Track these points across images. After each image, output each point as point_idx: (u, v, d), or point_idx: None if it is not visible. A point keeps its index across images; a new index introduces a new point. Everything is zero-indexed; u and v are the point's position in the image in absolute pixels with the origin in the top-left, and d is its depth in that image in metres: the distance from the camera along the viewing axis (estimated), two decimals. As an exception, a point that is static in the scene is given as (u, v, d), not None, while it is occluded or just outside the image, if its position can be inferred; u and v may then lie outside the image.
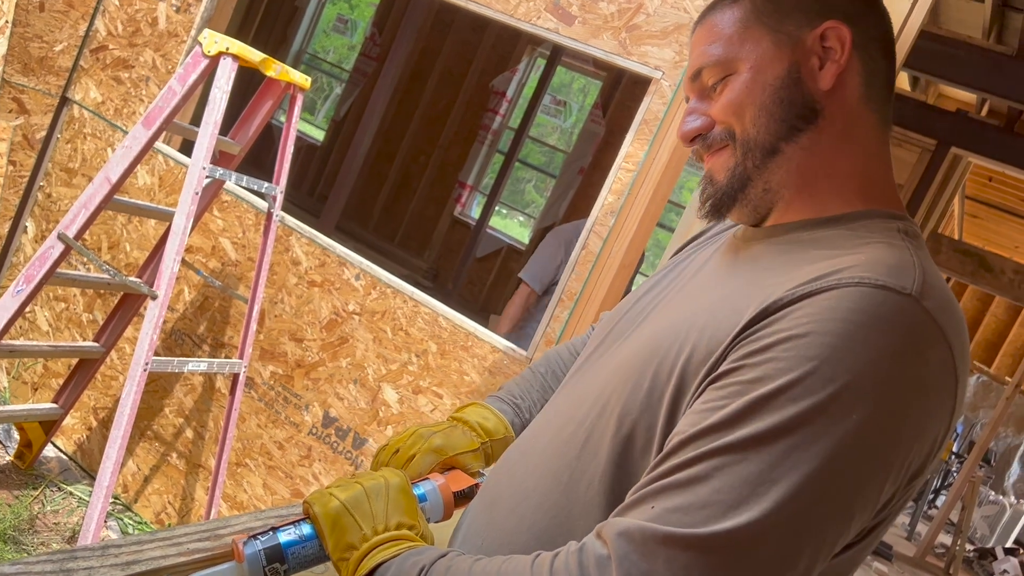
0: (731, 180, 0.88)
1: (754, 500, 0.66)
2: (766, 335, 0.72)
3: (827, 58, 0.86)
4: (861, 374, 0.68)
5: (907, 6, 1.87)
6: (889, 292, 0.71)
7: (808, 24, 0.86)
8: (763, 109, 0.86)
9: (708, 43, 0.89)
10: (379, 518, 0.84)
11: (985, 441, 6.02)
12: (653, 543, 0.67)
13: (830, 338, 0.69)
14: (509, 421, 1.14)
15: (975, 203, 7.95)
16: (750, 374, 0.71)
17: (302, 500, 2.70)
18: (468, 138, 7.69)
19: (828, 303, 0.71)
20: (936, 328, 0.71)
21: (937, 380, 0.72)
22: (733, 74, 0.87)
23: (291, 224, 2.68)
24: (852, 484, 0.68)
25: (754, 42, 0.87)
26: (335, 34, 13.76)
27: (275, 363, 2.67)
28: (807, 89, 0.86)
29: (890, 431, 0.69)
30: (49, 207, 3.15)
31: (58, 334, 3.06)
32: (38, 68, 3.17)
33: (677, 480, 0.69)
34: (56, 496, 2.75)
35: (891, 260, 0.75)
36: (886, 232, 0.82)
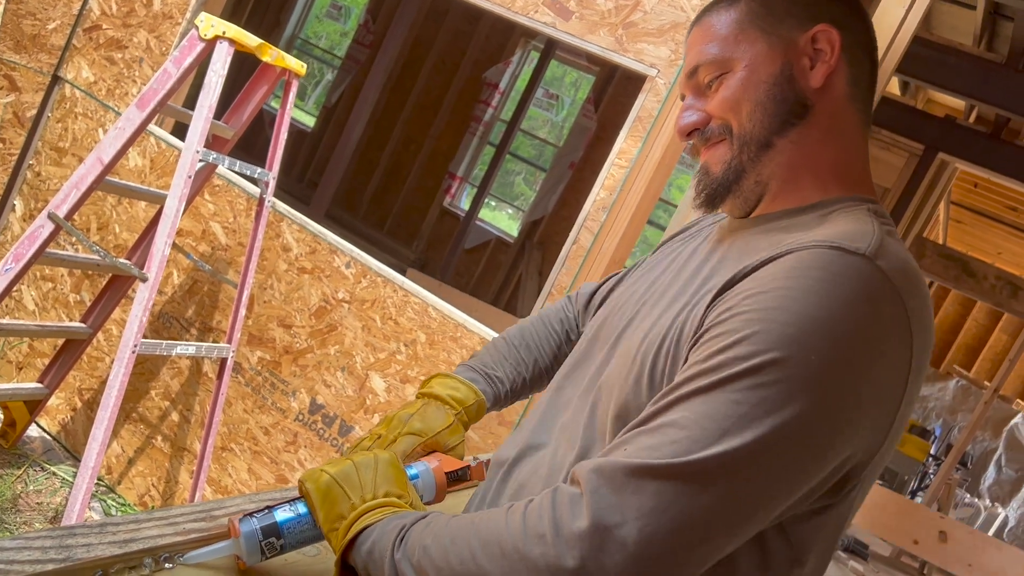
0: (726, 172, 0.93)
1: (722, 435, 0.70)
2: (732, 296, 0.79)
3: (818, 59, 0.92)
4: (817, 320, 0.72)
5: (901, 12, 1.89)
6: (843, 252, 0.76)
7: (800, 27, 0.92)
8: (758, 105, 0.91)
9: (705, 43, 0.94)
10: (367, 488, 0.86)
11: (962, 444, 6.09)
12: (623, 475, 0.70)
13: (787, 291, 0.74)
14: (481, 389, 1.17)
15: (960, 208, 8.02)
16: (718, 330, 0.76)
17: (289, 484, 2.69)
18: (459, 129, 7.68)
19: (787, 263, 0.77)
20: (889, 284, 0.75)
21: (890, 331, 0.75)
22: (729, 72, 0.92)
23: (282, 210, 2.68)
24: (813, 421, 0.71)
25: (749, 43, 0.92)
26: (328, 20, 13.69)
27: (263, 349, 2.68)
28: (799, 87, 0.91)
29: (847, 371, 0.73)
30: (38, 186, 3.13)
31: (44, 314, 3.05)
32: (30, 46, 3.15)
33: (650, 426, 0.74)
34: (39, 476, 2.75)
35: (850, 228, 0.81)
36: (854, 211, 0.87)
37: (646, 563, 0.67)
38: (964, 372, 10.42)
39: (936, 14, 4.48)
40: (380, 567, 0.79)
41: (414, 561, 0.76)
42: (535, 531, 0.71)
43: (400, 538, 0.79)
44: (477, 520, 0.77)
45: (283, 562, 0.89)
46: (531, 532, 0.71)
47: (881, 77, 2.07)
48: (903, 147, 5.78)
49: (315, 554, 0.93)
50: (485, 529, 0.75)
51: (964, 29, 4.56)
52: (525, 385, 1.25)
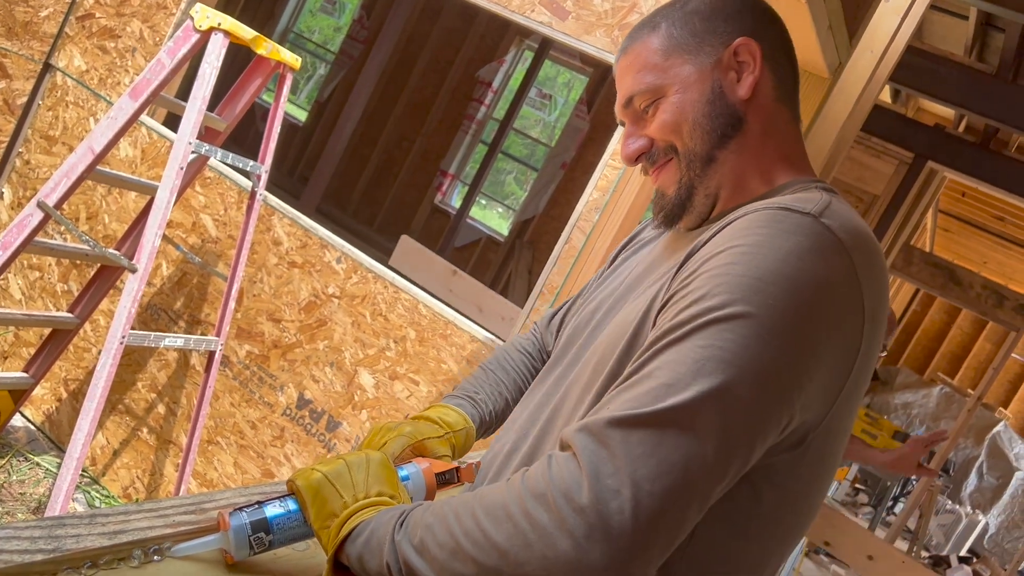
0: (679, 191, 0.99)
1: (694, 377, 0.74)
2: (692, 263, 0.84)
3: (742, 70, 0.98)
4: (770, 269, 0.77)
5: (896, 22, 1.90)
6: (790, 211, 0.81)
7: (721, 44, 0.98)
8: (696, 124, 0.97)
9: (635, 71, 1.00)
10: (359, 487, 0.87)
11: (945, 451, 6.13)
12: (608, 428, 0.74)
13: (741, 247, 0.79)
14: (468, 413, 1.20)
15: (947, 217, 8.08)
16: (682, 292, 0.82)
17: (275, 479, 2.68)
18: (452, 127, 7.68)
19: (738, 225, 0.83)
20: (836, 239, 0.80)
21: (840, 280, 0.80)
22: (663, 98, 0.98)
23: (274, 204, 2.68)
24: (778, 358, 0.76)
25: (676, 67, 0.98)
26: (322, 14, 13.65)
27: (252, 342, 2.67)
28: (729, 100, 0.97)
29: (805, 313, 0.77)
30: (27, 174, 3.11)
31: (31, 303, 3.03)
32: (22, 33, 3.12)
33: (629, 382, 0.78)
34: (23, 466, 2.73)
35: (798, 195, 0.87)
36: (803, 187, 0.94)
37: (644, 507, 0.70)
38: (948, 380, 10.50)
39: (928, 24, 4.51)
40: (378, 553, 0.79)
41: (415, 541, 0.77)
42: (535, 491, 0.73)
43: (400, 522, 0.80)
44: (478, 493, 0.79)
45: (272, 556, 0.89)
46: (532, 493, 0.73)
47: (875, 85, 2.09)
48: (893, 155, 5.82)
49: (304, 548, 0.93)
50: (487, 499, 0.77)
51: (955, 39, 4.59)
52: (508, 405, 1.27)
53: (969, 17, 4.14)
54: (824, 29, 1.64)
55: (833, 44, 1.73)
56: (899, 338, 11.87)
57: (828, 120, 1.97)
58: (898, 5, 1.94)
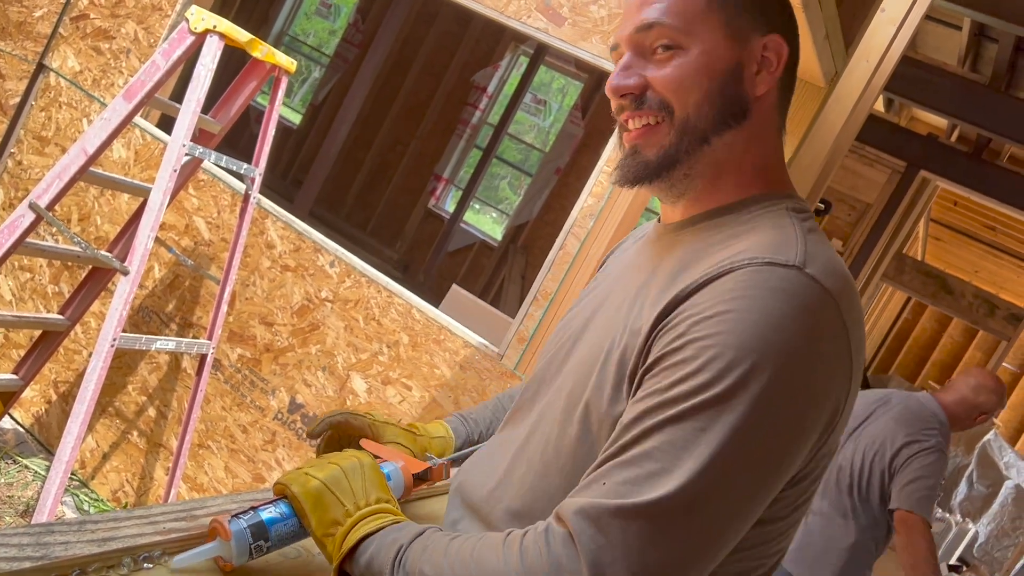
0: (660, 159, 0.91)
1: (691, 464, 0.73)
2: (680, 321, 0.81)
3: (764, 67, 0.92)
4: (764, 339, 0.76)
5: (891, 32, 1.91)
6: (775, 266, 0.80)
7: (758, 29, 0.92)
8: (707, 97, 0.90)
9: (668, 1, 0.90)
10: (359, 494, 0.88)
11: (936, 459, 6.15)
12: (607, 516, 0.73)
13: (733, 314, 0.77)
14: (453, 427, 1.22)
15: (939, 226, 8.11)
16: (674, 358, 0.79)
17: (265, 484, 2.66)
18: (446, 131, 7.68)
19: (726, 285, 0.80)
20: (821, 289, 0.79)
21: (831, 335, 0.80)
22: (683, 49, 0.89)
23: (267, 207, 2.67)
24: (777, 432, 0.76)
25: (712, 26, 0.89)
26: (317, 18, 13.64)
27: (243, 346, 2.65)
28: (743, 89, 0.92)
29: (800, 381, 0.77)
30: (19, 175, 3.09)
31: (21, 304, 3.01)
32: (16, 33, 3.11)
33: (623, 459, 0.76)
34: (11, 469, 2.71)
35: (775, 239, 0.84)
36: (775, 213, 0.90)
37: None
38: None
39: (921, 34, 4.54)
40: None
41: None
42: (532, 569, 0.74)
43: (398, 560, 0.81)
44: (476, 553, 0.79)
45: (264, 563, 0.88)
46: (529, 571, 0.74)
47: (870, 94, 2.09)
48: (886, 163, 5.84)
49: (296, 556, 0.92)
50: (484, 565, 0.77)
51: (949, 49, 4.62)
52: None
53: (962, 28, 4.16)
54: (821, 38, 1.64)
55: (830, 53, 1.73)
56: (890, 346, 11.91)
57: (824, 129, 1.98)
58: (894, 15, 1.95)
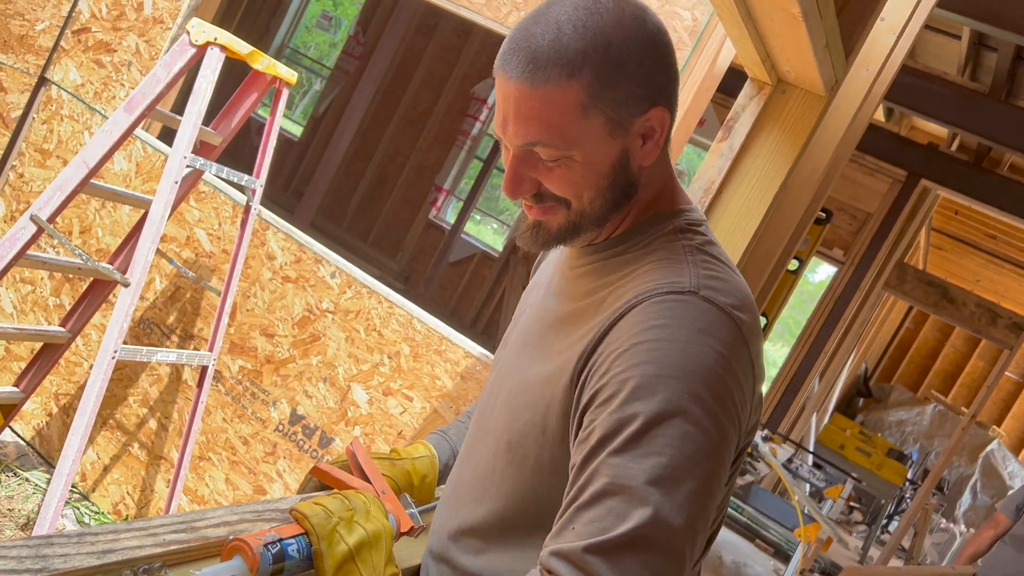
0: (564, 232, 0.98)
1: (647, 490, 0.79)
2: (601, 360, 0.89)
3: (649, 137, 0.96)
4: (677, 364, 0.84)
5: (891, 41, 1.91)
6: (673, 295, 0.88)
7: (638, 111, 0.93)
8: (599, 193, 0.95)
9: (547, 121, 0.90)
10: (378, 569, 0.96)
11: (939, 470, 6.12)
12: (583, 556, 0.79)
13: (647, 344, 0.86)
14: (436, 445, 1.29)
15: (940, 235, 8.11)
16: (603, 395, 0.86)
17: (267, 496, 2.64)
18: (447, 142, 7.69)
19: (635, 318, 0.89)
20: (717, 310, 0.88)
21: (733, 349, 0.87)
22: (568, 157, 0.92)
23: (268, 218, 2.67)
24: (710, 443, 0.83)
25: (591, 130, 0.91)
26: (318, 30, 13.69)
27: (245, 357, 2.65)
28: (631, 169, 0.96)
29: (719, 393, 0.85)
30: (21, 187, 3.10)
31: (23, 317, 3.01)
32: (18, 46, 3.12)
33: (584, 500, 0.83)
34: (12, 482, 2.70)
35: (669, 269, 0.93)
36: (667, 237, 0.98)
37: None
38: (942, 397, 10.52)
39: (921, 43, 4.55)
40: None
41: None
42: None
43: None
44: None
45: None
46: None
47: (870, 103, 2.09)
48: (886, 173, 5.85)
49: None
50: None
51: (948, 58, 4.63)
52: None
53: (962, 37, 4.17)
54: (821, 47, 1.64)
55: (830, 62, 1.74)
56: (892, 355, 11.89)
57: (824, 138, 1.98)
58: (893, 24, 1.95)
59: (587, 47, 0.88)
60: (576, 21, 0.89)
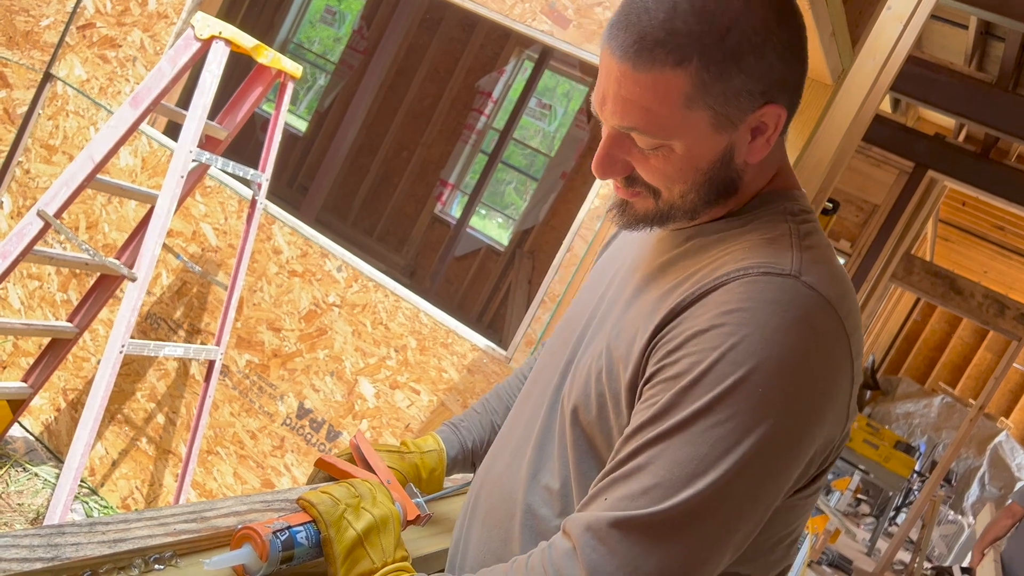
0: (650, 219, 0.92)
1: (689, 479, 0.75)
2: (676, 335, 0.81)
3: (760, 133, 0.86)
4: (761, 353, 0.76)
5: (898, 29, 1.90)
6: (772, 276, 0.79)
7: (750, 107, 0.84)
8: (692, 188, 0.88)
9: (646, 107, 0.83)
10: (387, 551, 0.94)
11: (947, 461, 6.12)
12: (608, 528, 0.76)
13: (729, 327, 0.77)
14: (446, 439, 1.26)
15: (948, 226, 8.08)
16: (669, 371, 0.80)
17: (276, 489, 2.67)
18: (452, 137, 7.68)
19: (721, 297, 0.80)
20: (819, 297, 0.79)
21: (829, 344, 0.79)
22: (667, 146, 0.85)
23: (274, 213, 2.67)
24: (772, 446, 0.76)
25: (693, 121, 0.83)
26: (322, 25, 13.68)
27: (252, 351, 2.65)
28: (735, 164, 0.87)
29: (797, 393, 0.77)
30: (27, 183, 3.11)
31: (30, 312, 3.02)
32: (23, 42, 3.12)
33: (622, 472, 0.79)
34: (21, 477, 2.71)
35: (771, 246, 0.84)
36: (771, 217, 0.89)
37: None
38: (949, 389, 10.49)
39: (928, 33, 4.52)
40: None
41: None
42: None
43: None
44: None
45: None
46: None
47: (876, 94, 2.08)
48: (894, 164, 5.82)
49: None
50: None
51: (955, 48, 4.60)
52: (495, 429, 1.31)
53: (969, 26, 4.15)
54: (827, 36, 1.63)
55: (836, 51, 1.73)
56: (900, 347, 11.86)
57: (831, 127, 1.97)
58: (900, 13, 1.94)
59: (702, 32, 0.79)
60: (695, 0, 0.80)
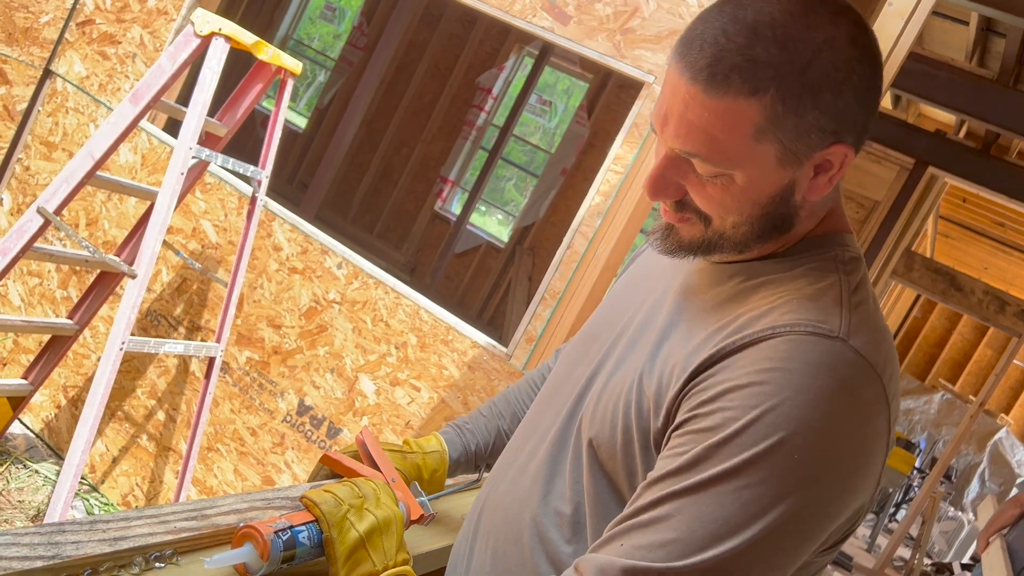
0: (695, 247, 0.87)
1: (710, 540, 0.72)
2: (712, 385, 0.77)
3: (824, 171, 0.83)
4: (799, 419, 0.72)
5: (899, 26, 1.90)
6: (819, 337, 0.75)
7: (819, 145, 0.80)
8: (747, 221, 0.84)
9: (714, 134, 0.79)
10: (389, 554, 0.94)
11: (947, 458, 6.12)
12: (620, 574, 0.74)
13: (769, 387, 0.74)
14: (449, 440, 1.25)
15: (948, 223, 8.08)
16: (701, 423, 0.76)
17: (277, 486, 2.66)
18: (452, 133, 7.68)
19: (765, 353, 0.76)
20: (866, 365, 0.76)
21: (871, 413, 0.76)
22: (727, 175, 0.81)
23: (274, 210, 2.67)
24: (800, 517, 0.73)
25: (760, 154, 0.79)
26: (322, 21, 13.67)
27: (252, 348, 2.65)
28: (793, 202, 0.84)
29: (832, 464, 0.74)
30: (27, 180, 3.10)
31: (30, 309, 3.02)
32: (22, 39, 3.12)
33: (641, 520, 0.76)
34: (21, 474, 2.71)
35: (819, 301, 0.79)
36: (821, 267, 0.85)
37: None
38: (949, 386, 10.49)
39: (928, 29, 4.52)
40: None
41: None
42: None
43: None
44: None
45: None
46: None
47: (877, 89, 2.08)
48: (894, 160, 5.81)
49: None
50: None
51: (956, 44, 4.59)
52: (500, 434, 1.29)
53: (969, 22, 4.14)
54: (828, 32, 1.63)
55: (837, 48, 1.73)
56: (900, 344, 11.87)
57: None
58: (901, 8, 1.93)
59: (781, 63, 0.76)
60: (778, 27, 0.75)
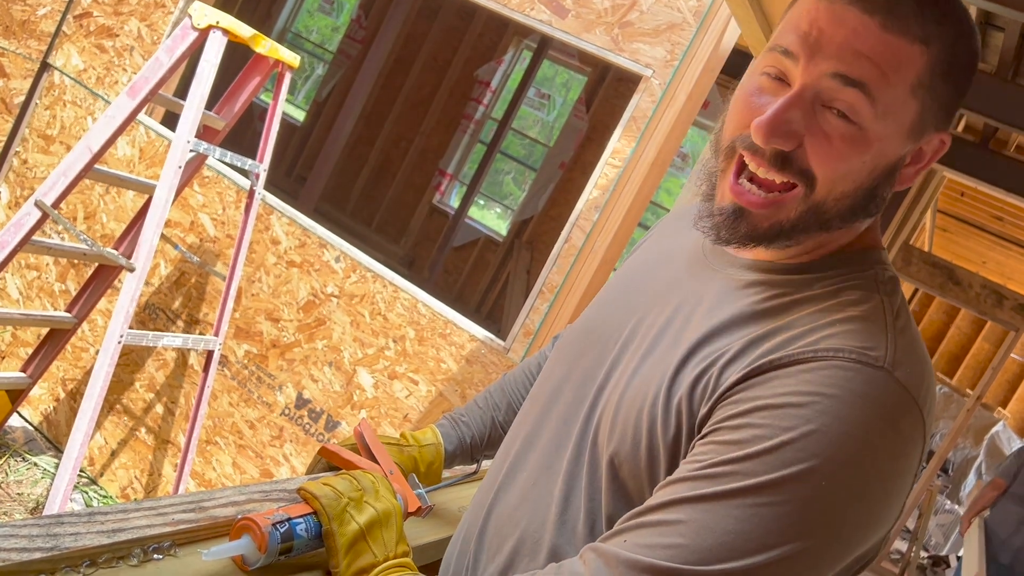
0: (770, 231, 0.81)
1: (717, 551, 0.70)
2: (746, 399, 0.75)
3: (917, 161, 0.82)
4: (835, 447, 0.70)
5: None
6: (863, 366, 0.73)
7: (935, 126, 0.80)
8: (854, 192, 0.79)
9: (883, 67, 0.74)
10: (389, 546, 0.93)
11: (944, 451, 6.13)
12: (623, 566, 0.73)
13: (807, 411, 0.71)
14: (445, 433, 1.25)
15: (946, 217, 8.08)
16: (728, 435, 0.74)
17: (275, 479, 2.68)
18: (450, 126, 7.67)
19: (805, 376, 0.73)
20: (908, 397, 0.74)
21: (908, 447, 0.74)
22: (862, 130, 0.76)
23: (272, 203, 2.67)
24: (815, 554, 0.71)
25: (906, 112, 0.77)
26: (320, 14, 13.63)
27: (250, 342, 2.66)
28: (890, 184, 0.81)
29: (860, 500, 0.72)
30: (25, 173, 3.10)
31: (28, 303, 3.02)
32: (20, 31, 3.11)
33: (651, 520, 0.75)
34: (20, 466, 2.72)
35: (865, 326, 0.76)
36: (863, 286, 0.81)
37: None
38: (947, 380, 10.51)
39: (927, 23, 4.51)
40: None
41: None
42: None
43: None
44: None
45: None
46: None
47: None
48: (892, 154, 5.80)
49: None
50: None
51: (955, 38, 4.58)
52: (496, 426, 1.29)
53: (968, 16, 4.13)
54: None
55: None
56: (897, 338, 11.86)
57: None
58: (899, 2, 1.93)
59: (943, 28, 0.76)
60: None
